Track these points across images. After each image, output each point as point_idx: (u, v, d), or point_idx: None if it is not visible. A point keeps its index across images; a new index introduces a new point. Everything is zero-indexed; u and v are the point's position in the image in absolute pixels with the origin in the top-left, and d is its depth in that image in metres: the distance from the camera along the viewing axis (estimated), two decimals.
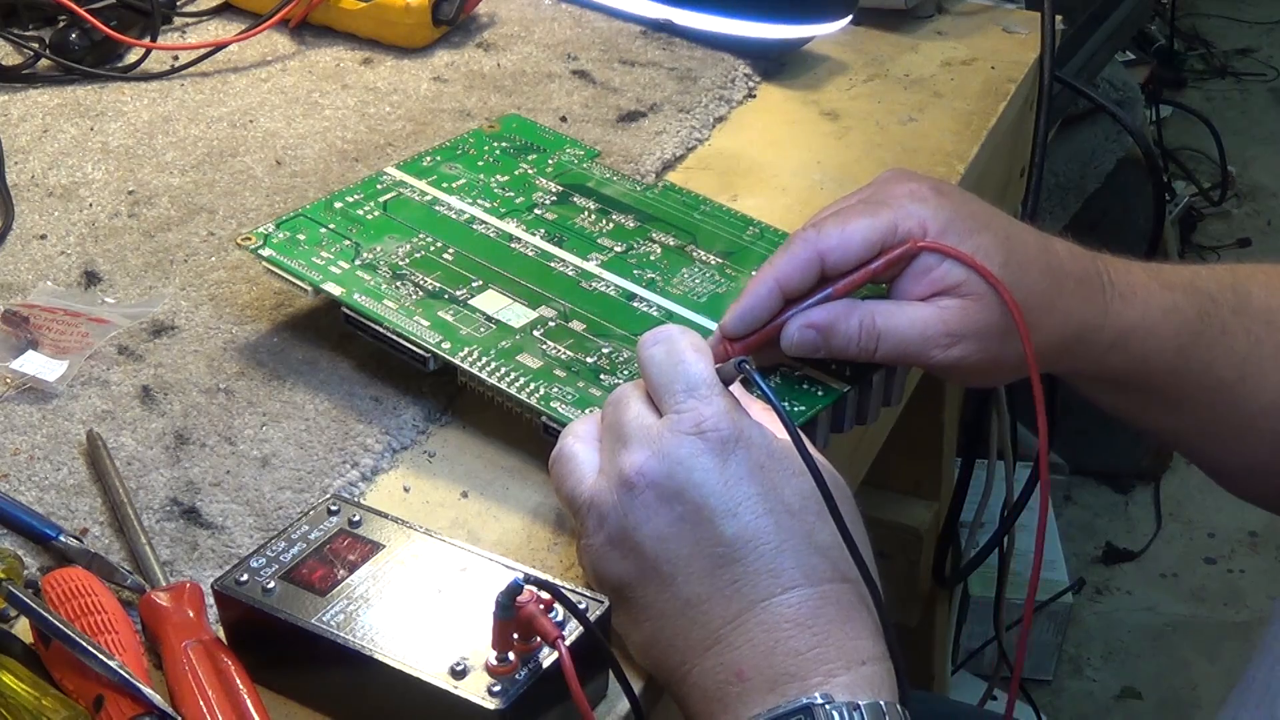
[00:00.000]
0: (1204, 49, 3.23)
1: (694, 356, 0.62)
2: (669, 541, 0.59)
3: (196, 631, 0.60)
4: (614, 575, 0.61)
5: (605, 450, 0.63)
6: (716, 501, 0.59)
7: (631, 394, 0.63)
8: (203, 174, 0.94)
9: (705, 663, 0.59)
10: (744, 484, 0.59)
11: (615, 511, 0.60)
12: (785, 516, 0.59)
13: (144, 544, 0.66)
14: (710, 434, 0.60)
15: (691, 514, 0.59)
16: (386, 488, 0.71)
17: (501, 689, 0.55)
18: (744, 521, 0.59)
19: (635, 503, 0.60)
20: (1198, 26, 3.26)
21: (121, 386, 0.76)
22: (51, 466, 0.71)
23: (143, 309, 0.81)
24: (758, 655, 0.58)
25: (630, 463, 0.60)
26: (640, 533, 0.60)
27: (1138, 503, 2.22)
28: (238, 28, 1.10)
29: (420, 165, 0.87)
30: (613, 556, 0.61)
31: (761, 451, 0.60)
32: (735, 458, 0.60)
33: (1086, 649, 1.98)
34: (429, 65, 1.07)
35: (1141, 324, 0.73)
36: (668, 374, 0.62)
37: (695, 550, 0.59)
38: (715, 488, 0.59)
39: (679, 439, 0.60)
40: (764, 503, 0.59)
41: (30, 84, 1.03)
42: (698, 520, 0.59)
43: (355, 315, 0.74)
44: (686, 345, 0.63)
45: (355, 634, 0.58)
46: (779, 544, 0.59)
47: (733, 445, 0.60)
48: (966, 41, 1.16)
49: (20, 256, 0.86)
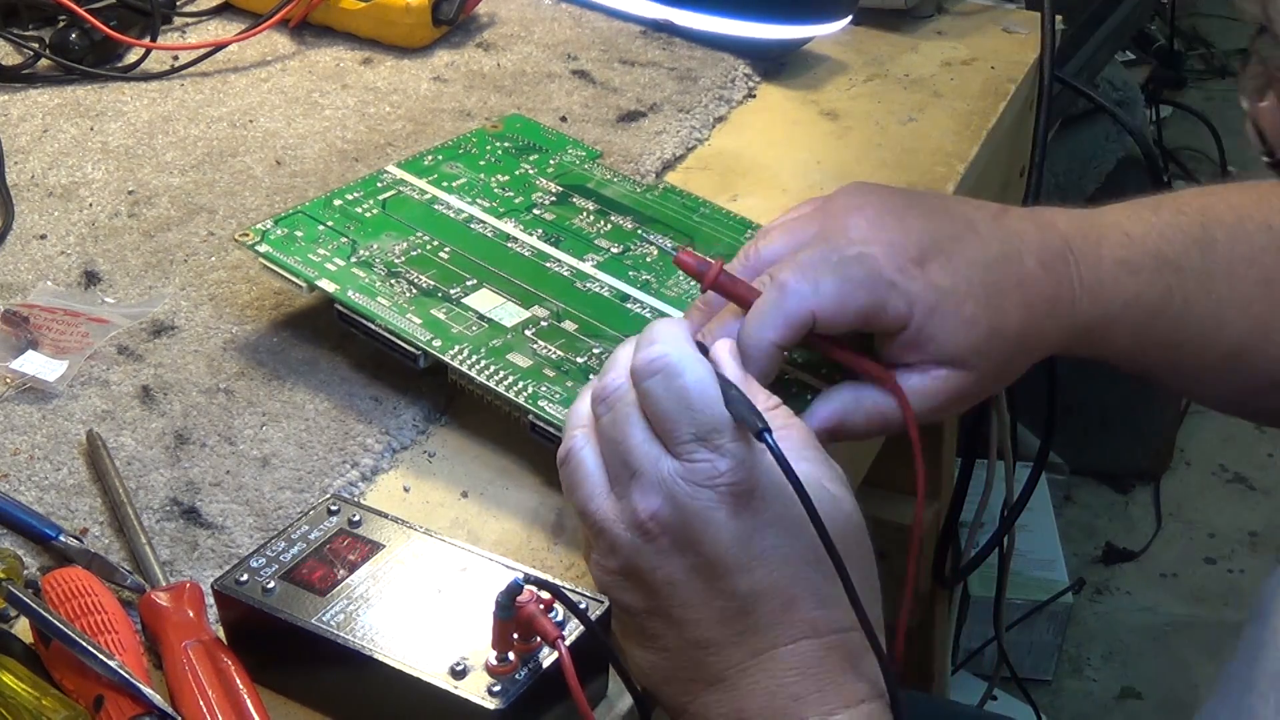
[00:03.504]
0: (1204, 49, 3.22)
1: (700, 394, 0.58)
2: (680, 588, 0.59)
3: (196, 631, 0.60)
4: (622, 601, 0.61)
5: (612, 469, 0.61)
6: (731, 557, 0.58)
7: (631, 413, 0.60)
8: (203, 174, 0.94)
9: (707, 697, 0.59)
10: (759, 537, 0.58)
11: (627, 548, 0.59)
12: (801, 567, 0.58)
13: (144, 544, 0.66)
14: (725, 488, 0.58)
15: (705, 566, 0.58)
16: (386, 488, 0.71)
17: (501, 689, 0.55)
18: (757, 577, 0.58)
19: (648, 547, 0.59)
20: (1198, 26, 3.26)
21: (121, 386, 0.76)
22: (51, 466, 0.71)
23: (143, 309, 0.81)
24: (759, 698, 0.58)
25: (643, 507, 0.59)
26: (652, 575, 0.59)
27: (1138, 503, 2.22)
28: (238, 28, 1.10)
29: (421, 164, 0.87)
30: (622, 585, 0.60)
31: (778, 502, 0.58)
32: (751, 510, 0.58)
33: (1086, 649, 1.98)
34: (429, 65, 1.07)
35: (1102, 319, 0.73)
36: (674, 414, 0.59)
37: (706, 599, 0.59)
38: (730, 542, 0.58)
39: (693, 490, 0.58)
40: (778, 556, 0.58)
41: (30, 84, 1.03)
42: (711, 574, 0.58)
43: (348, 312, 0.74)
44: (690, 378, 0.59)
45: (355, 634, 0.58)
46: (791, 598, 0.58)
47: (748, 498, 0.58)
48: (966, 41, 1.16)
49: (20, 256, 0.86)
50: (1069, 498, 2.20)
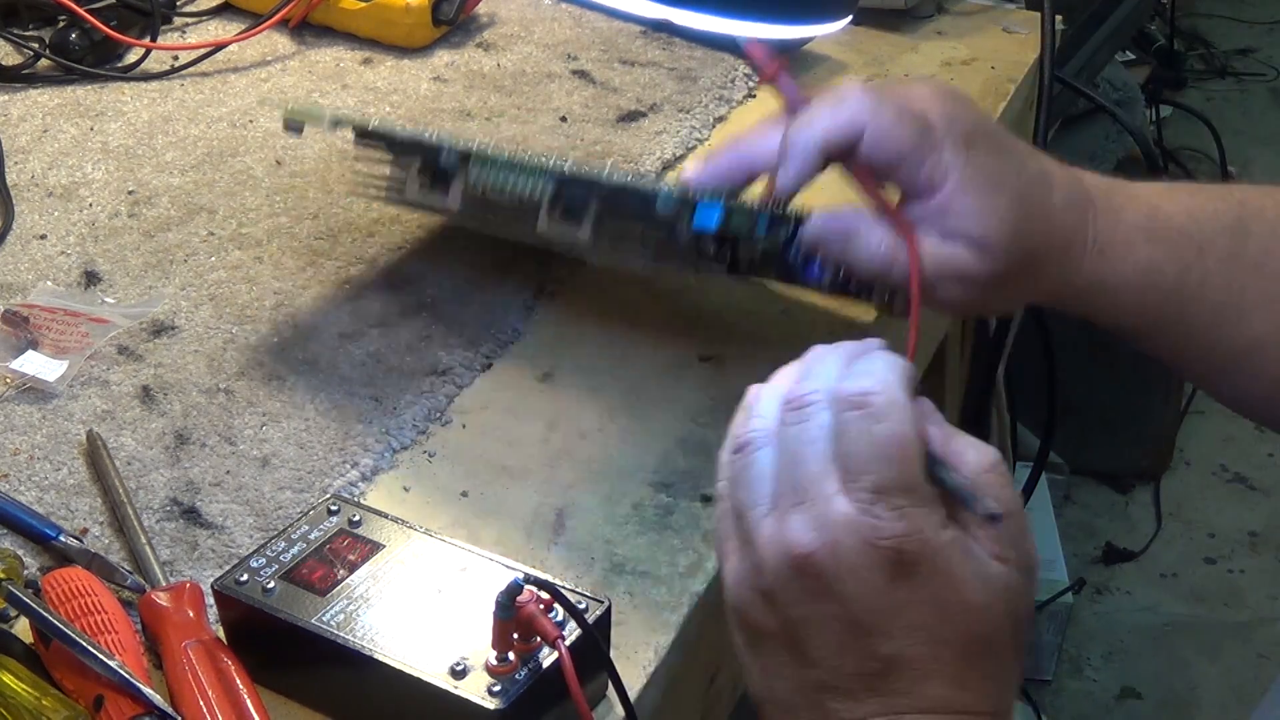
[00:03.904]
0: (1204, 49, 3.23)
1: (900, 448, 0.56)
2: (819, 633, 0.57)
3: (196, 631, 0.60)
4: (751, 618, 0.58)
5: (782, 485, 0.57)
6: (878, 621, 0.56)
7: (819, 438, 0.57)
8: (203, 174, 0.94)
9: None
10: (911, 611, 0.56)
11: (773, 575, 0.57)
12: (943, 649, 0.56)
13: (144, 544, 0.66)
14: (890, 552, 0.55)
15: (848, 621, 0.56)
16: (386, 488, 0.71)
17: (501, 689, 0.55)
18: (899, 645, 0.56)
19: (795, 583, 0.56)
20: (1198, 26, 3.26)
21: (121, 386, 0.76)
22: (51, 466, 0.71)
23: (143, 309, 0.81)
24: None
25: (803, 541, 0.56)
26: (792, 610, 0.57)
27: (1138, 503, 2.22)
28: (238, 28, 1.10)
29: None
30: (758, 605, 0.58)
31: (942, 584, 0.56)
32: (911, 582, 0.56)
33: (1086, 649, 1.98)
34: (429, 65, 1.07)
35: (1111, 279, 0.73)
36: (864, 459, 0.56)
37: (842, 650, 0.57)
38: (881, 608, 0.56)
39: (859, 545, 0.55)
40: (925, 634, 0.56)
41: (30, 84, 1.03)
42: (853, 629, 0.56)
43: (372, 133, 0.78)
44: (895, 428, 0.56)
45: (355, 634, 0.58)
46: (928, 673, 0.56)
47: (911, 568, 0.55)
48: (966, 41, 1.16)
49: (20, 256, 0.86)
50: (1069, 498, 2.20)
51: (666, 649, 0.64)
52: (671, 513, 0.70)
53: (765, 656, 0.59)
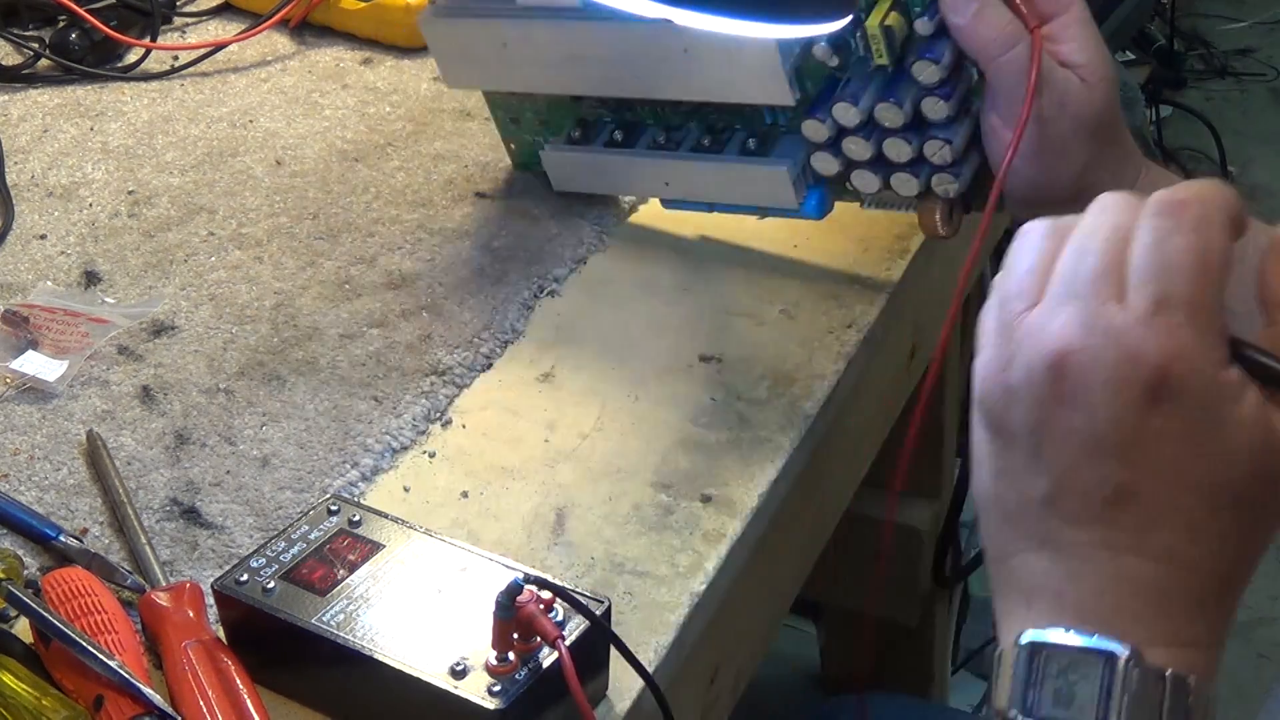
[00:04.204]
0: (1204, 49, 3.22)
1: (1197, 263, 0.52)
2: (1058, 443, 0.54)
3: (196, 631, 0.60)
4: (995, 416, 0.55)
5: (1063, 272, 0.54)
6: (1119, 444, 0.52)
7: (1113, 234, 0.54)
8: (203, 174, 0.94)
9: (1032, 558, 0.55)
10: (1160, 445, 0.52)
11: (1025, 371, 0.54)
12: (1185, 495, 0.53)
13: (144, 544, 0.66)
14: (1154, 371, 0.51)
15: (1090, 437, 0.53)
16: (386, 488, 0.71)
17: (501, 689, 0.55)
18: (1137, 477, 0.53)
19: (1045, 385, 0.53)
20: (1198, 26, 3.26)
21: (121, 386, 0.76)
22: (51, 466, 0.71)
23: (143, 309, 0.81)
24: (1087, 588, 0.54)
25: (1061, 338, 0.53)
26: (1036, 413, 0.54)
27: None
28: (238, 28, 1.10)
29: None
30: (1003, 401, 0.55)
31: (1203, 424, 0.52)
32: (1168, 413, 0.52)
33: None
34: (429, 65, 1.07)
35: None
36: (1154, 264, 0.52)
37: (1076, 467, 0.54)
38: (1126, 430, 0.52)
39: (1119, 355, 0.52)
40: (1170, 474, 0.53)
41: (30, 84, 1.03)
42: (1093, 447, 0.53)
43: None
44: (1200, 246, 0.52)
45: (355, 634, 0.58)
46: (1160, 516, 0.53)
47: (1172, 397, 0.52)
48: None
49: (20, 256, 0.86)
50: None
51: (666, 649, 0.64)
52: (671, 513, 0.70)
53: (1001, 459, 0.56)
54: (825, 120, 0.76)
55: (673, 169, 0.83)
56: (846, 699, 1.19)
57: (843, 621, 1.48)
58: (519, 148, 0.91)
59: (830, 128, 0.77)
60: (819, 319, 0.82)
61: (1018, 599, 0.55)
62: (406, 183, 0.93)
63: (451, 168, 0.94)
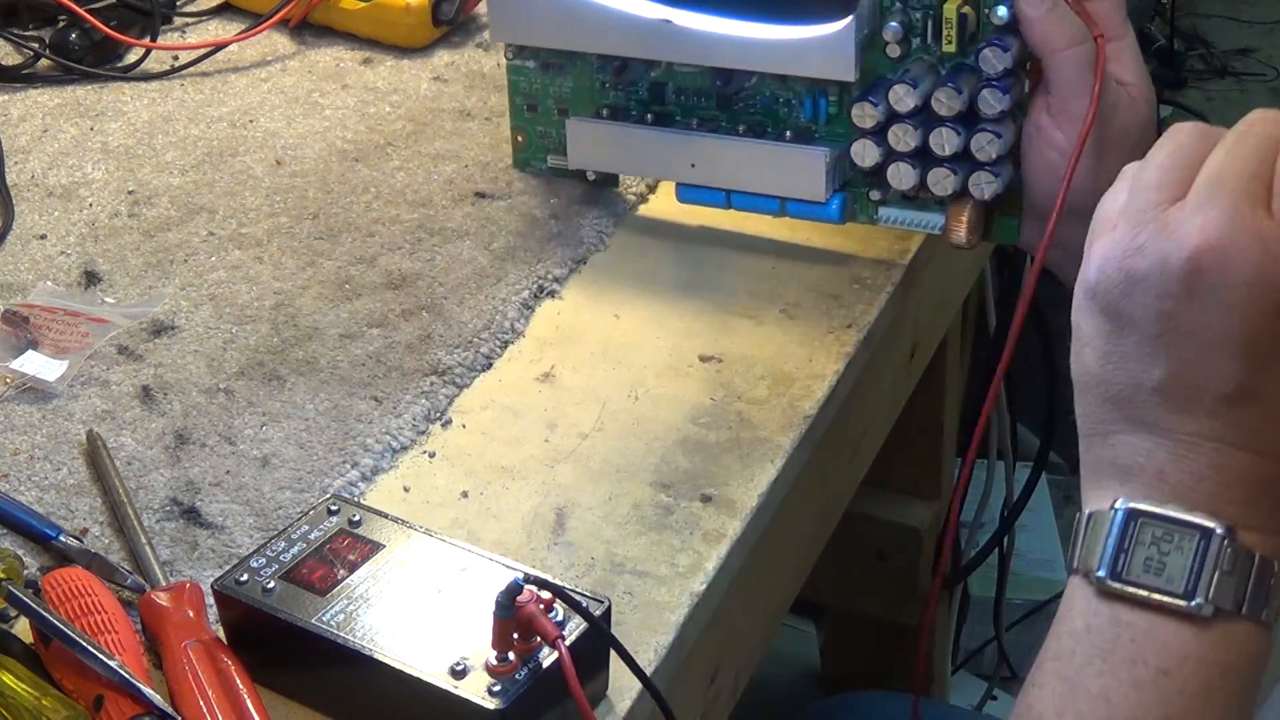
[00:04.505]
0: (1204, 49, 3.22)
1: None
2: (1185, 338, 0.54)
3: (196, 631, 0.60)
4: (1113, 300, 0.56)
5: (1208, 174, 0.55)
6: (1252, 345, 0.54)
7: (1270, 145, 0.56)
8: (203, 174, 0.94)
9: (1134, 438, 0.56)
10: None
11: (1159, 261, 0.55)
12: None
13: (144, 544, 0.66)
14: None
15: (1223, 334, 0.54)
16: (386, 488, 0.71)
17: (501, 689, 0.55)
18: (1266, 380, 0.54)
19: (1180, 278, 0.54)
20: (1198, 26, 3.26)
21: (121, 386, 0.76)
22: (51, 466, 0.71)
23: (143, 309, 0.81)
24: (1188, 471, 0.56)
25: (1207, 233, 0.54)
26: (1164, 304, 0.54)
27: None
28: (238, 28, 1.10)
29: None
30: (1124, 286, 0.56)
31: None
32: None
33: None
34: (429, 65, 1.07)
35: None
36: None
37: (1201, 362, 0.55)
38: (1263, 333, 0.54)
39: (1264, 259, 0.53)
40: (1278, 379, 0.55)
41: (30, 84, 1.03)
42: (1223, 346, 0.54)
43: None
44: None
45: (355, 634, 0.58)
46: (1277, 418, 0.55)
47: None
48: None
49: (20, 256, 0.86)
50: (1069, 498, 2.20)
51: (666, 649, 0.64)
52: (671, 513, 0.70)
53: (1112, 342, 0.57)
54: (879, 104, 0.77)
55: (701, 148, 0.83)
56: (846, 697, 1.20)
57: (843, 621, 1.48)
58: (526, 140, 0.91)
59: (881, 112, 0.77)
60: (819, 319, 0.82)
61: (1111, 473, 0.57)
62: (406, 183, 0.93)
63: (451, 168, 0.94)
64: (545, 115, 0.89)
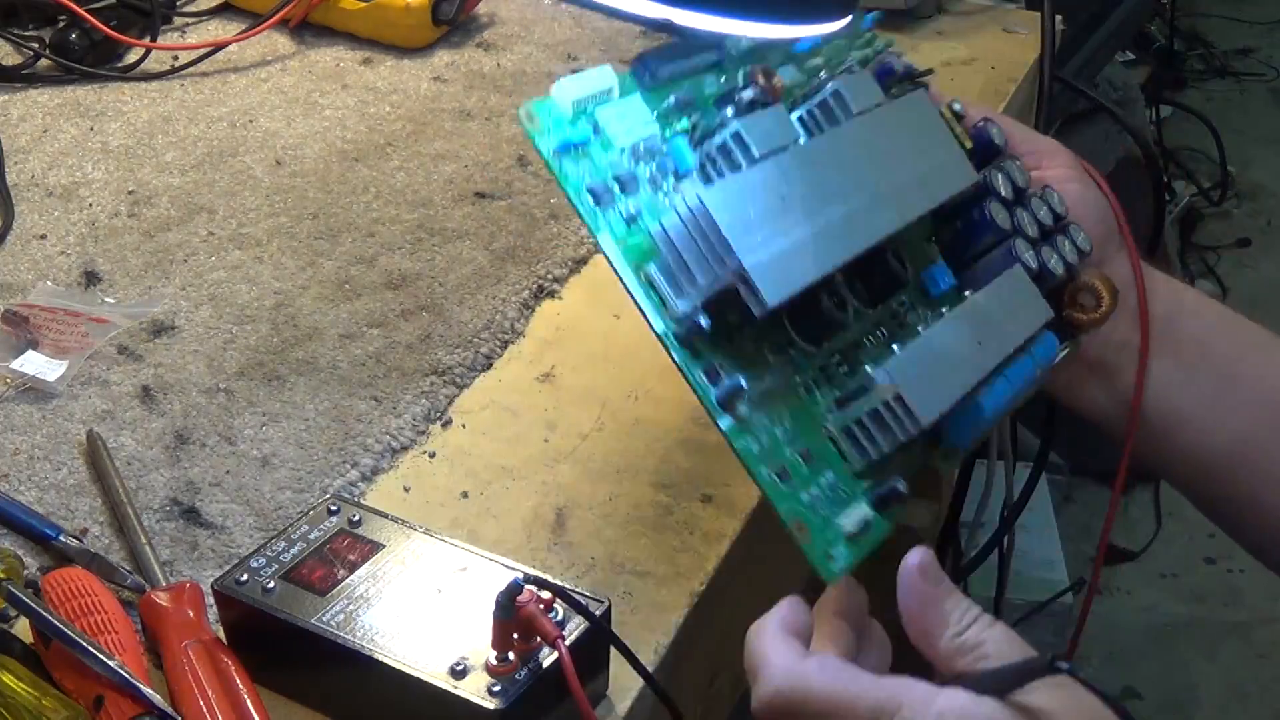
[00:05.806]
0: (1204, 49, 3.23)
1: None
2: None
3: (196, 631, 0.60)
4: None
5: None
6: None
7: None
8: (203, 174, 0.94)
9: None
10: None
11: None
12: None
13: (144, 544, 0.66)
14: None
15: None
16: (386, 488, 0.71)
17: (501, 689, 0.55)
18: None
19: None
20: (1198, 26, 3.27)
21: (121, 386, 0.76)
22: (51, 466, 0.71)
23: (143, 309, 0.81)
24: None
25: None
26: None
27: (1138, 503, 2.22)
28: (238, 28, 1.10)
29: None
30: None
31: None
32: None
33: (1086, 649, 1.98)
34: (429, 65, 1.07)
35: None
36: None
37: None
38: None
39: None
40: None
41: (30, 84, 1.04)
42: None
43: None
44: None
45: (355, 634, 0.58)
46: None
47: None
48: (966, 41, 1.16)
49: (20, 256, 0.86)
50: (1069, 498, 2.20)
51: (666, 649, 0.64)
52: (671, 513, 0.70)
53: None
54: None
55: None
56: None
57: None
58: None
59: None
60: None
61: None
62: (406, 183, 0.93)
63: (451, 168, 0.94)
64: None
